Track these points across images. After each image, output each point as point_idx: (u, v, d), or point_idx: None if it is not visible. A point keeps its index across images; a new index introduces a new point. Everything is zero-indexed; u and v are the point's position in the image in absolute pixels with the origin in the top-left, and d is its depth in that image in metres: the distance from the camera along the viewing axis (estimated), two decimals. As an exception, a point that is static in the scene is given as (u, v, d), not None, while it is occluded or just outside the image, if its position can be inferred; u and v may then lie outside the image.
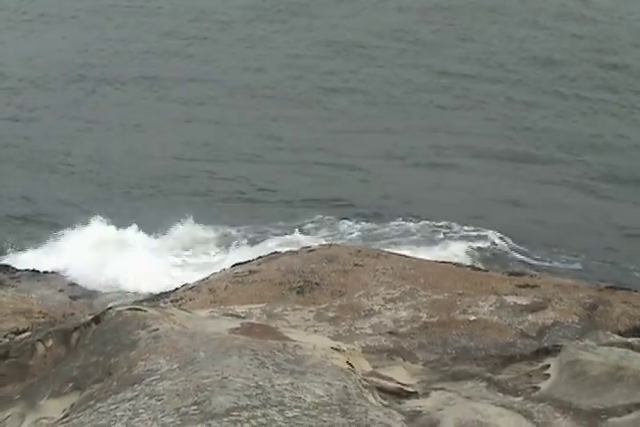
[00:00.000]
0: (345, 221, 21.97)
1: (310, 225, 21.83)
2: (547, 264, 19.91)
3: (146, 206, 22.39)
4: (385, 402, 7.25)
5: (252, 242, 21.01)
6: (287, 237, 20.97)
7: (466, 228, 21.38)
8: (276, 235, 21.30)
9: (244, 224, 21.86)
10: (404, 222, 21.69)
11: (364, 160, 25.50)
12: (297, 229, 21.30)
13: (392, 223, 21.64)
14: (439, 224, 21.59)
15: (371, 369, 8.35)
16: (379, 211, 22.61)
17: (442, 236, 20.99)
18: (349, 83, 30.97)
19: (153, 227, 20.88)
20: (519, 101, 29.40)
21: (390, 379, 8.10)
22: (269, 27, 35.88)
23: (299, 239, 20.43)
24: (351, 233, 21.30)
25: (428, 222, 21.60)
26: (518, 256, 20.28)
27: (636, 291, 13.66)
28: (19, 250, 20.27)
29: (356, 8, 37.68)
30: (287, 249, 17.19)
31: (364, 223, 21.79)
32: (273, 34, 35.28)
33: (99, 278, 18.30)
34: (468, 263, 17.89)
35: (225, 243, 21.08)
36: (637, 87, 30.47)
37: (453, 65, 32.15)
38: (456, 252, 19.92)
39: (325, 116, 28.51)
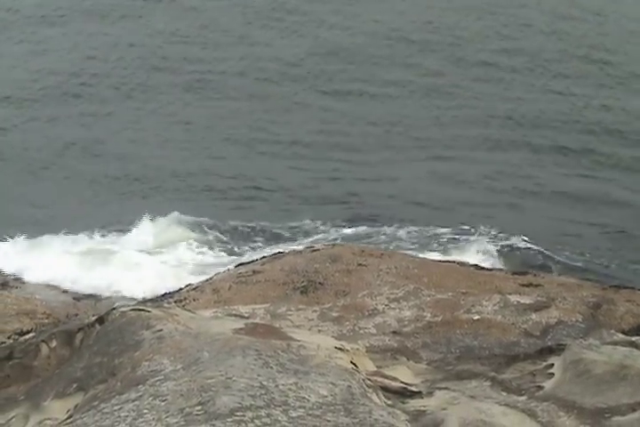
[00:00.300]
0: (333, 226, 21.71)
1: (294, 231, 21.64)
2: (550, 262, 19.86)
3: (131, 206, 22.34)
4: (389, 402, 7.24)
5: (235, 245, 20.95)
6: (270, 243, 20.82)
7: (465, 228, 21.28)
8: (258, 241, 21.09)
9: (230, 225, 21.80)
10: (397, 228, 21.42)
11: (358, 160, 25.53)
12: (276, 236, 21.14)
13: (386, 229, 21.40)
14: (436, 227, 21.33)
15: (375, 369, 8.35)
16: (376, 212, 22.43)
17: (444, 237, 20.86)
18: (342, 82, 31.05)
19: (135, 226, 20.94)
20: (511, 97, 29.55)
21: (394, 378, 8.09)
22: (264, 26, 35.90)
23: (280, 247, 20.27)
24: (336, 240, 20.96)
25: (424, 227, 21.37)
26: (520, 254, 20.22)
27: (639, 290, 13.65)
28: None
29: (348, 10, 37.85)
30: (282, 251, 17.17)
31: (354, 229, 21.51)
32: (267, 33, 35.31)
33: (85, 284, 18.03)
34: (472, 262, 17.86)
35: (208, 245, 20.96)
36: (626, 82, 30.69)
37: (444, 63, 32.29)
38: (458, 253, 19.83)
39: (319, 116, 28.57)
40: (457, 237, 20.83)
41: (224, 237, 21.23)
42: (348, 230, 21.34)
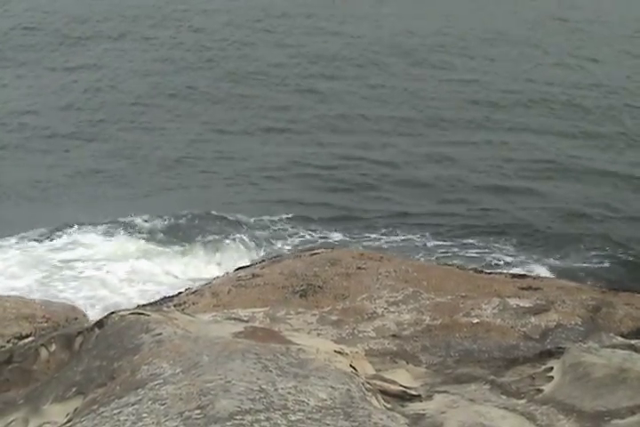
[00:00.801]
0: (307, 230, 21.58)
1: (284, 229, 21.49)
2: (548, 265, 19.86)
3: (112, 208, 22.37)
4: (388, 405, 7.25)
5: (212, 242, 20.93)
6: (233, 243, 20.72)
7: (457, 232, 21.22)
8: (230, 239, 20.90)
9: (217, 223, 21.79)
10: (388, 234, 21.23)
11: (350, 163, 25.70)
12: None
13: (369, 235, 21.22)
14: (426, 231, 21.14)
15: (374, 372, 8.35)
16: (358, 216, 22.41)
17: (440, 241, 20.77)
18: (326, 83, 31.31)
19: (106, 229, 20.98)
20: (492, 101, 29.88)
21: (393, 382, 8.10)
22: (252, 34, 36.07)
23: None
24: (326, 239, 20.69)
25: (410, 232, 21.27)
26: (518, 256, 20.21)
27: (639, 293, 13.64)
28: None
29: (339, 16, 38.17)
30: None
31: (334, 233, 21.39)
32: (255, 41, 35.52)
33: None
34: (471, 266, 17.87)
35: (190, 249, 20.88)
36: (605, 82, 31.12)
37: (430, 71, 32.69)
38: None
39: (310, 123, 28.74)
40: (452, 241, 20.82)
41: (209, 236, 21.21)
42: (318, 236, 21.23)
